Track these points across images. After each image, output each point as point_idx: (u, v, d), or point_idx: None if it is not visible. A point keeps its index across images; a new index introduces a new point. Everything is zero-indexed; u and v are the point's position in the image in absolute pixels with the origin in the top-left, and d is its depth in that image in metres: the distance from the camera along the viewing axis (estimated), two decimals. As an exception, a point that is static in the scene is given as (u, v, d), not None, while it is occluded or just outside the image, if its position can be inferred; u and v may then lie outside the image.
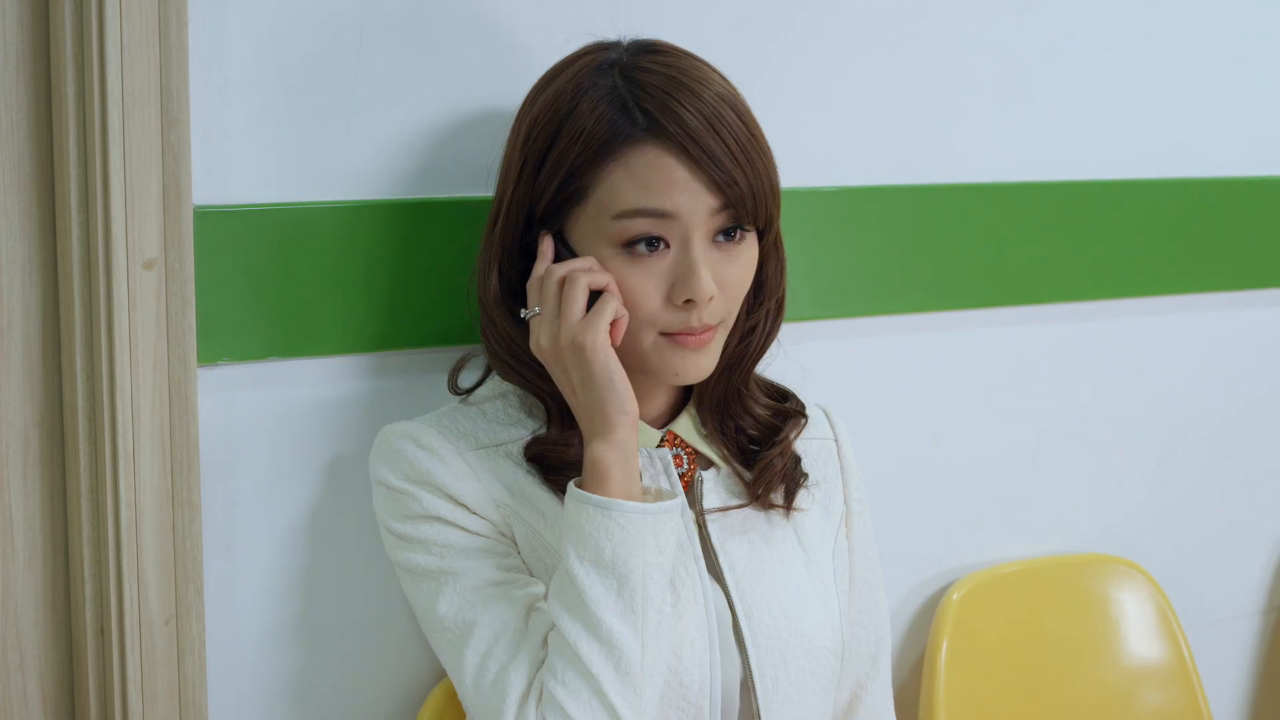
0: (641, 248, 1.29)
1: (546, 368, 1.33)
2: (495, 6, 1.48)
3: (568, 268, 1.30)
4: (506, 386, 1.41)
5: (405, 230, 1.46)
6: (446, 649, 1.32)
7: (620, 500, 1.26)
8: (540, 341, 1.31)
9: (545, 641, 1.28)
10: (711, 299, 1.30)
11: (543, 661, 1.27)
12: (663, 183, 1.28)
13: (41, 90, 1.34)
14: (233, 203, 1.39)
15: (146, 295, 1.34)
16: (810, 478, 1.45)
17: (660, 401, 1.42)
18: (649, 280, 1.30)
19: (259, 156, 1.40)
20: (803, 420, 1.45)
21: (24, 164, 1.34)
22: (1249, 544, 2.11)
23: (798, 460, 1.44)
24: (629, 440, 1.28)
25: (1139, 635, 1.93)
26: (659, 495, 1.31)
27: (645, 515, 1.26)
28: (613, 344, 1.29)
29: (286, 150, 1.41)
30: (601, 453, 1.27)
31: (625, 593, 1.25)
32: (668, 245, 1.30)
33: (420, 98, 1.45)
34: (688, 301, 1.30)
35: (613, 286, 1.30)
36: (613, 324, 1.29)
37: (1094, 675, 1.90)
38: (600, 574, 1.25)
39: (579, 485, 1.28)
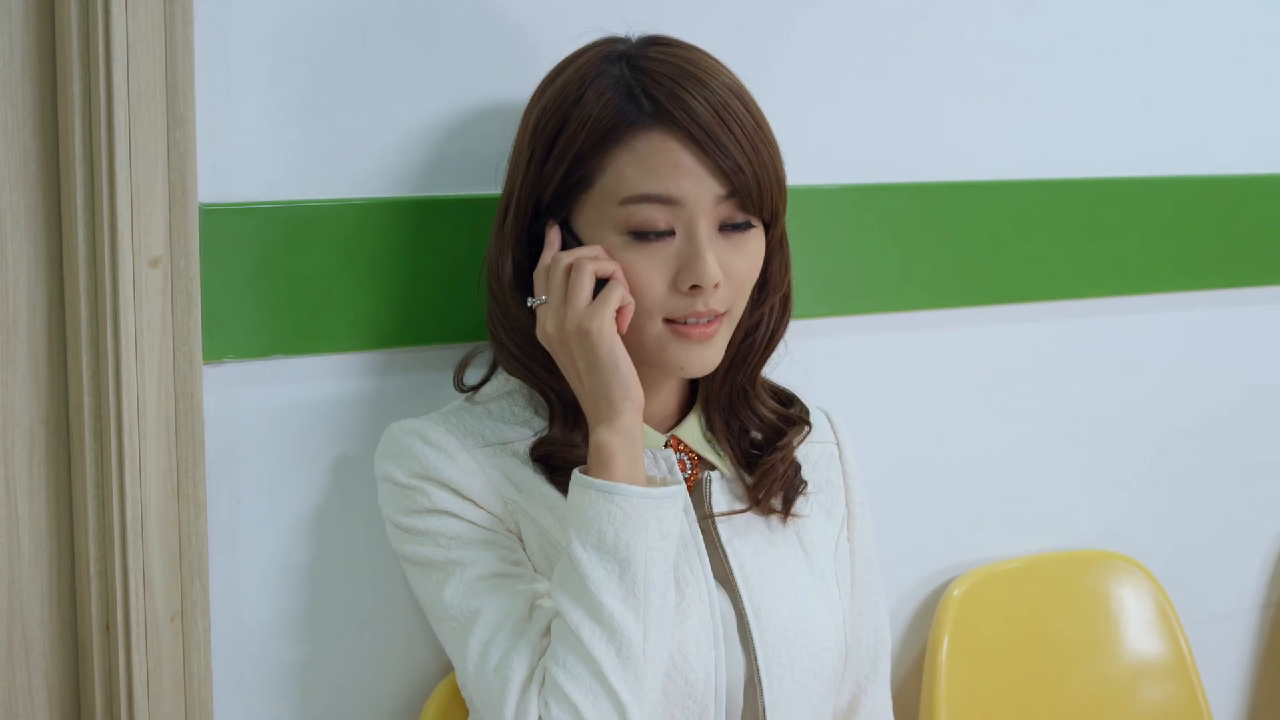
0: (648, 234, 1.30)
1: (553, 355, 1.33)
2: (499, 3, 1.48)
3: (574, 255, 1.30)
4: (512, 385, 1.41)
5: (410, 228, 1.46)
6: (451, 637, 1.32)
7: (623, 484, 1.26)
8: (546, 328, 1.31)
9: (548, 631, 1.28)
10: (717, 285, 1.30)
11: (545, 650, 1.27)
12: (669, 168, 1.28)
13: (47, 88, 1.34)
14: (238, 200, 1.39)
15: (152, 293, 1.34)
16: (810, 485, 1.46)
17: (666, 405, 1.42)
18: (654, 266, 1.30)
19: (264, 154, 1.40)
20: (806, 428, 1.46)
21: (30, 162, 1.34)
22: (1248, 540, 2.12)
23: (798, 468, 1.45)
24: (633, 426, 1.28)
25: (1138, 631, 1.93)
26: (663, 483, 1.31)
27: (648, 500, 1.26)
28: (619, 331, 1.29)
29: (292, 148, 1.41)
30: (606, 438, 1.28)
31: (627, 577, 1.25)
32: (673, 232, 1.30)
33: (425, 95, 1.46)
34: (693, 287, 1.30)
35: (619, 274, 1.30)
36: (619, 311, 1.30)
37: (1094, 671, 1.90)
38: (602, 558, 1.25)
39: (583, 472, 1.28)
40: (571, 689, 1.24)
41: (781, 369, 1.48)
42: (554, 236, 1.33)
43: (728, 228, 1.32)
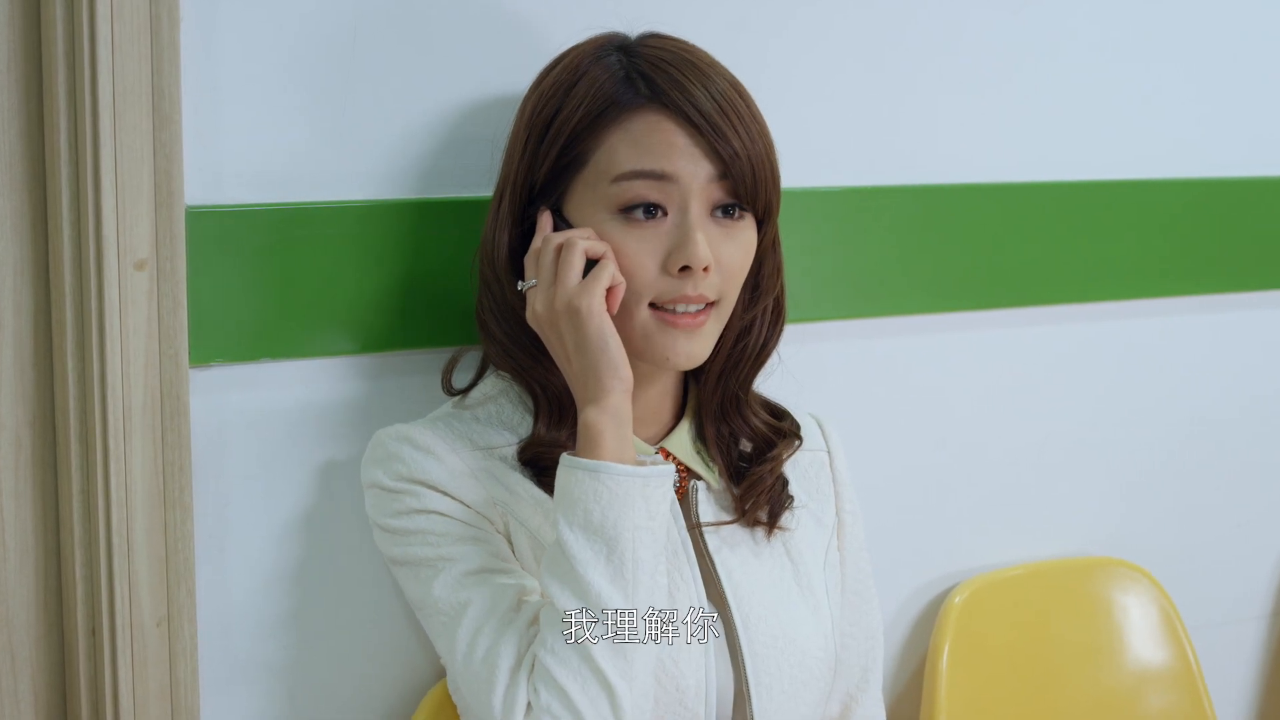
0: (639, 214, 1.29)
1: (541, 337, 1.31)
2: (492, 4, 1.47)
3: (565, 235, 1.30)
4: (500, 388, 1.40)
5: (398, 231, 1.45)
6: (440, 631, 1.31)
7: (609, 462, 1.24)
8: (536, 308, 1.30)
9: (536, 621, 1.26)
10: (707, 269, 1.29)
11: (533, 639, 1.25)
12: (663, 146, 1.28)
13: (33, 89, 1.33)
14: (225, 202, 1.38)
15: (138, 296, 1.33)
16: (800, 495, 1.44)
17: (658, 413, 1.41)
18: (644, 247, 1.29)
19: (252, 156, 1.39)
20: (797, 441, 1.45)
21: (15, 163, 1.34)
22: (1254, 547, 2.10)
23: (785, 483, 1.43)
24: (622, 406, 1.27)
25: (1143, 639, 1.91)
26: (653, 464, 1.29)
27: (635, 478, 1.24)
28: (609, 311, 1.28)
29: (280, 150, 1.40)
30: (594, 418, 1.26)
31: (615, 557, 1.23)
32: (665, 213, 1.29)
33: (416, 97, 1.45)
34: (684, 269, 1.29)
35: (610, 254, 1.29)
36: (610, 291, 1.28)
37: (1098, 679, 1.88)
38: (589, 538, 1.23)
39: (571, 453, 1.27)
40: (560, 673, 1.22)
41: (775, 377, 1.46)
42: (545, 221, 1.32)
43: (720, 212, 1.31)
